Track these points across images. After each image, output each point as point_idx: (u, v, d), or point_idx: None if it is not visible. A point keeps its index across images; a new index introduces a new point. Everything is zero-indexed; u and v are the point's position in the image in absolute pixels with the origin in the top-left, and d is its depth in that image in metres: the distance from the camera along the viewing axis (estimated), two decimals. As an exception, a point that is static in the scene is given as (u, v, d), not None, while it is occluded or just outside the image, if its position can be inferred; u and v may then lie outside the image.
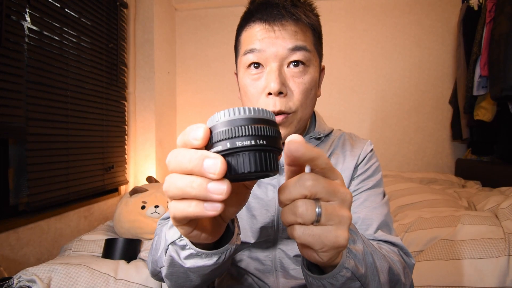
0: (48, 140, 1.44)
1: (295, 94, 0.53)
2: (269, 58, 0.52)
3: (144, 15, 2.21)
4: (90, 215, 1.77)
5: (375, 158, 0.65)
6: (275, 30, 0.51)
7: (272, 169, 0.26)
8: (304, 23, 0.53)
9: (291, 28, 0.52)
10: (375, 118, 2.40)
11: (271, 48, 0.52)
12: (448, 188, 1.74)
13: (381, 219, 0.56)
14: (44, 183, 1.40)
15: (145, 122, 2.23)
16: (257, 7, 0.54)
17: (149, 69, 2.22)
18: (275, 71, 0.52)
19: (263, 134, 0.25)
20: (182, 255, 0.36)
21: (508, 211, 1.07)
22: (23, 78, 1.30)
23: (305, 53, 0.53)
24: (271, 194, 0.61)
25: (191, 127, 0.26)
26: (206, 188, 0.24)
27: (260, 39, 0.52)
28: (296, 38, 0.52)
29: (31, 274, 0.95)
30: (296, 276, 0.60)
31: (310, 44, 0.54)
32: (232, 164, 0.25)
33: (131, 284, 1.01)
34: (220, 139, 0.25)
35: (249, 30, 0.55)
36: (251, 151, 0.24)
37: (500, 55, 1.50)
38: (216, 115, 0.26)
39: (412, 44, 2.34)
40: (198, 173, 0.25)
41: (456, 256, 0.94)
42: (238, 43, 0.59)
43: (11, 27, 1.23)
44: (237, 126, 0.24)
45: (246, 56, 0.54)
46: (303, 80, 0.54)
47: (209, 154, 0.25)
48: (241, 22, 0.58)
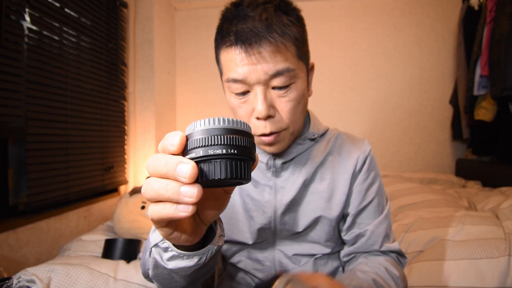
0: (47, 140, 1.44)
1: (284, 114, 0.53)
2: (252, 85, 0.51)
3: (144, 15, 2.21)
4: (89, 215, 1.77)
5: (374, 162, 0.65)
6: (254, 54, 0.49)
7: (244, 177, 0.27)
8: (283, 42, 0.50)
9: (268, 51, 0.49)
10: (375, 118, 2.40)
11: (252, 75, 0.50)
12: (449, 188, 1.73)
13: (385, 234, 0.60)
14: (43, 183, 1.40)
15: (145, 122, 2.23)
16: (230, 25, 0.51)
17: (149, 69, 2.22)
18: (260, 96, 0.51)
19: (235, 144, 0.27)
20: (165, 257, 0.37)
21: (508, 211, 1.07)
22: (23, 78, 1.30)
23: (287, 74, 0.51)
24: (267, 196, 0.61)
25: (170, 134, 0.28)
26: (179, 191, 0.26)
27: (241, 66, 0.50)
28: (275, 61, 0.49)
29: (31, 274, 0.95)
30: None
31: (292, 60, 0.52)
32: (205, 171, 0.27)
33: (131, 284, 1.01)
34: (195, 147, 0.27)
35: (227, 52, 0.52)
36: (222, 159, 0.26)
37: (500, 55, 1.50)
38: (193, 124, 0.28)
39: (412, 44, 2.34)
40: (172, 177, 0.26)
41: (456, 257, 0.94)
42: (218, 61, 0.57)
43: (11, 27, 1.23)
44: (211, 136, 0.26)
45: (230, 83, 0.53)
46: (289, 99, 0.53)
47: (183, 159, 0.26)
48: (217, 38, 0.55)
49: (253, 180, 0.62)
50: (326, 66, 2.43)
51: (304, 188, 0.60)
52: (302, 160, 0.61)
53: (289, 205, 0.59)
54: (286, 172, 0.61)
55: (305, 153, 0.62)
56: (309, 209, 0.60)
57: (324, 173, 0.61)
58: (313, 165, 0.61)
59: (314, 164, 0.61)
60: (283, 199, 0.59)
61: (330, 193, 0.60)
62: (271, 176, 0.61)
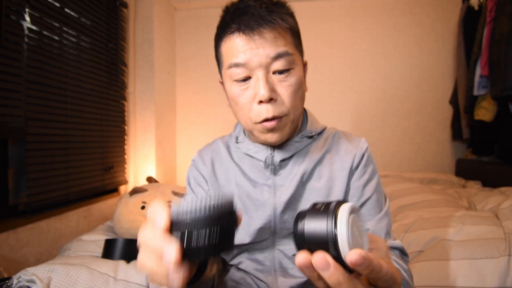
0: (47, 140, 1.44)
1: (285, 98, 0.55)
2: (254, 69, 0.53)
3: (144, 15, 2.21)
4: (89, 215, 1.77)
5: (371, 159, 0.65)
6: (255, 39, 0.52)
7: (224, 253, 0.32)
8: (282, 28, 0.54)
9: (270, 35, 0.52)
10: (375, 118, 2.40)
11: (254, 58, 0.52)
12: (449, 188, 1.73)
13: (386, 231, 0.59)
14: (43, 183, 1.40)
15: (145, 122, 2.23)
16: (232, 16, 0.54)
17: (149, 69, 2.22)
18: (262, 79, 0.52)
19: (216, 236, 0.30)
20: None
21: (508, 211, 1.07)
22: (23, 78, 1.30)
23: (287, 57, 0.53)
24: (266, 195, 0.61)
25: (157, 211, 0.32)
26: (167, 275, 0.30)
27: (243, 51, 0.52)
28: (276, 44, 0.52)
29: (31, 274, 0.95)
30: (294, 275, 0.60)
31: (291, 46, 0.55)
32: (188, 250, 0.30)
33: (131, 284, 1.01)
34: (180, 230, 0.30)
35: (228, 42, 0.55)
36: (206, 243, 0.30)
37: (500, 55, 1.50)
38: (182, 205, 0.30)
39: (412, 44, 2.34)
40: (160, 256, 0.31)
41: (456, 257, 0.94)
42: (219, 54, 0.59)
43: (11, 27, 1.23)
44: (195, 225, 0.29)
45: (231, 70, 0.55)
46: (290, 83, 0.55)
47: (169, 248, 0.29)
48: (218, 32, 0.58)
49: (252, 180, 0.63)
50: (326, 66, 2.43)
51: (302, 185, 0.60)
52: (300, 158, 0.62)
53: (288, 203, 0.59)
54: (285, 170, 0.62)
55: (303, 150, 0.63)
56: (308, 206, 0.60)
57: (322, 171, 0.61)
58: (311, 163, 0.61)
59: (312, 162, 0.61)
60: (282, 197, 0.60)
61: (328, 190, 0.60)
62: (269, 175, 0.62)
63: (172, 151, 2.57)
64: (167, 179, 2.42)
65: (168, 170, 2.47)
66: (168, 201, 1.50)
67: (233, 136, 0.70)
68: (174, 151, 2.62)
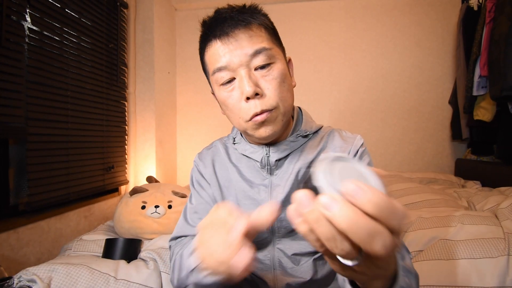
0: (48, 140, 1.44)
1: (271, 91, 0.55)
2: (236, 69, 0.55)
3: (144, 15, 2.21)
4: (90, 215, 1.77)
5: (366, 152, 0.65)
6: (232, 42, 0.54)
7: None
8: (255, 26, 0.56)
9: (244, 35, 0.54)
10: (375, 118, 2.40)
11: (234, 59, 0.54)
12: (448, 188, 1.74)
13: None
14: (44, 183, 1.41)
15: (145, 122, 2.23)
16: (209, 26, 0.57)
17: (149, 69, 2.22)
18: (245, 77, 0.54)
19: None
20: (201, 276, 0.44)
21: (507, 211, 1.08)
22: (23, 78, 1.30)
23: (265, 52, 0.55)
24: (263, 194, 0.62)
25: None
26: None
27: (223, 55, 0.55)
28: (252, 42, 0.54)
29: (32, 274, 0.95)
30: (293, 274, 0.61)
31: (268, 42, 0.56)
32: None
33: (132, 284, 1.01)
34: None
35: (209, 50, 0.58)
36: None
37: (499, 55, 1.51)
38: None
39: (412, 44, 2.34)
40: None
41: (456, 256, 0.94)
42: (204, 64, 0.62)
43: (12, 27, 1.23)
44: None
45: (216, 75, 0.57)
46: (273, 76, 0.56)
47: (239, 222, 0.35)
48: (200, 45, 0.61)
49: (249, 181, 0.64)
50: (326, 66, 2.44)
51: (298, 184, 0.61)
52: (295, 157, 0.63)
53: (285, 202, 0.60)
54: (281, 170, 0.62)
55: (298, 149, 0.63)
56: None
57: None
58: (306, 162, 0.62)
59: (307, 161, 0.62)
60: (278, 197, 0.60)
61: None
62: (266, 175, 0.63)
63: (172, 151, 2.57)
64: (167, 179, 2.42)
65: (169, 170, 2.47)
66: (169, 201, 1.50)
67: (230, 137, 0.72)
68: (175, 151, 2.63)
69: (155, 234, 1.39)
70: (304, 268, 0.61)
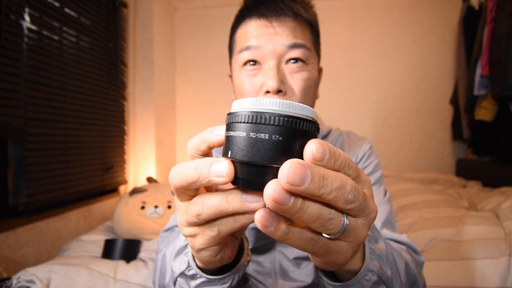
0: (47, 140, 1.44)
1: (295, 92, 0.51)
2: (266, 55, 0.50)
3: (144, 14, 2.21)
4: (89, 216, 1.76)
5: (374, 156, 0.65)
6: (274, 26, 0.49)
7: None
8: (303, 20, 0.51)
9: (289, 24, 0.49)
10: (376, 118, 2.40)
11: (269, 44, 0.49)
12: (449, 188, 1.73)
13: (385, 217, 0.55)
14: (43, 183, 1.40)
15: (145, 122, 2.23)
16: (253, 2, 0.52)
17: (149, 69, 2.22)
18: (273, 69, 0.49)
19: None
20: (193, 285, 0.34)
21: (509, 211, 1.07)
22: (22, 78, 1.29)
23: (304, 50, 0.50)
24: None
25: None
26: (241, 199, 0.24)
27: (257, 36, 0.49)
28: (294, 35, 0.50)
29: (30, 274, 0.95)
30: (295, 278, 0.60)
31: (309, 42, 0.52)
32: None
33: (131, 284, 1.01)
34: None
35: (244, 27, 0.52)
36: None
37: (501, 54, 1.50)
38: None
39: (412, 43, 2.33)
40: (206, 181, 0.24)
41: (457, 257, 0.94)
42: (232, 42, 0.57)
43: (10, 27, 1.23)
44: None
45: (241, 54, 0.52)
46: (302, 76, 0.51)
47: (216, 159, 0.24)
48: (236, 19, 0.56)
49: None
50: (326, 66, 2.40)
51: None
52: None
53: None
54: None
55: None
56: None
57: None
58: None
59: None
60: None
61: None
62: None
63: (172, 151, 2.56)
64: (167, 179, 2.41)
65: (168, 170, 2.46)
66: (169, 201, 1.50)
67: None
68: (174, 151, 2.62)
69: (154, 234, 1.39)
70: (305, 271, 0.60)
